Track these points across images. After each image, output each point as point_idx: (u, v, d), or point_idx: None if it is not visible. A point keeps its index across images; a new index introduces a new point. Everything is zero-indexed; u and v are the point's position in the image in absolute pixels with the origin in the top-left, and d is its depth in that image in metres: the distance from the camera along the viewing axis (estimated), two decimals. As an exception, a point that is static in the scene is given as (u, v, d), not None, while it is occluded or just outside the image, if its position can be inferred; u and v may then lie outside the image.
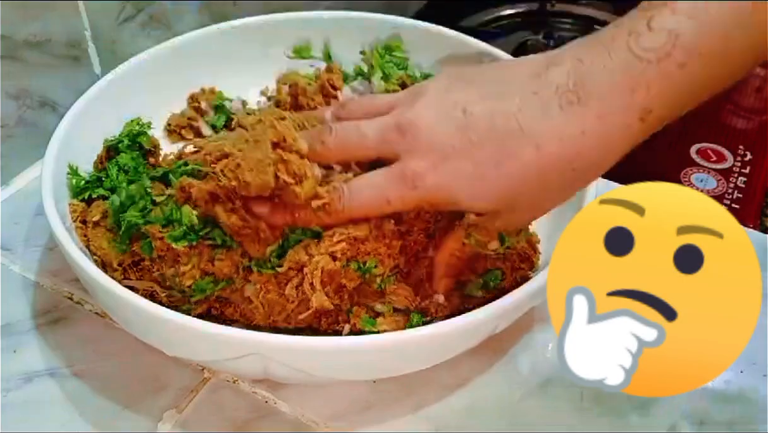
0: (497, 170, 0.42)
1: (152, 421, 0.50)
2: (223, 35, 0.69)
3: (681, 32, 0.39)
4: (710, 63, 0.40)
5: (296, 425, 0.50)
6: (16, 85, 0.65)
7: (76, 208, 0.55)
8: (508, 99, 0.42)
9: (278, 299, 0.48)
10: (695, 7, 0.39)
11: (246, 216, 0.47)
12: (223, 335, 0.44)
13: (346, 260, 0.47)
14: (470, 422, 0.51)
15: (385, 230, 0.48)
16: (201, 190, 0.48)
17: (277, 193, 0.46)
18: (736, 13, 0.39)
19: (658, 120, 0.41)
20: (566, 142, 0.41)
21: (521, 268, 0.53)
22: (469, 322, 0.46)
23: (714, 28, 0.39)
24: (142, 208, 0.52)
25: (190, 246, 0.49)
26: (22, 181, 0.67)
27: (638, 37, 0.40)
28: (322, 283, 0.47)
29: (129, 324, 0.50)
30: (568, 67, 0.41)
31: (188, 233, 0.49)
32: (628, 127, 0.41)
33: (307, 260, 0.47)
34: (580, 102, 0.40)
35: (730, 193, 0.76)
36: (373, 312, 0.49)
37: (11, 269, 0.60)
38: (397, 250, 0.49)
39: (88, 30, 0.69)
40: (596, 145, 0.41)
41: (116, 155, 0.58)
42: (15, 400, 0.51)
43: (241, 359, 0.45)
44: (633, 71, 0.40)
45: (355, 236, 0.47)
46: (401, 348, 0.46)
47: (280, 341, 0.44)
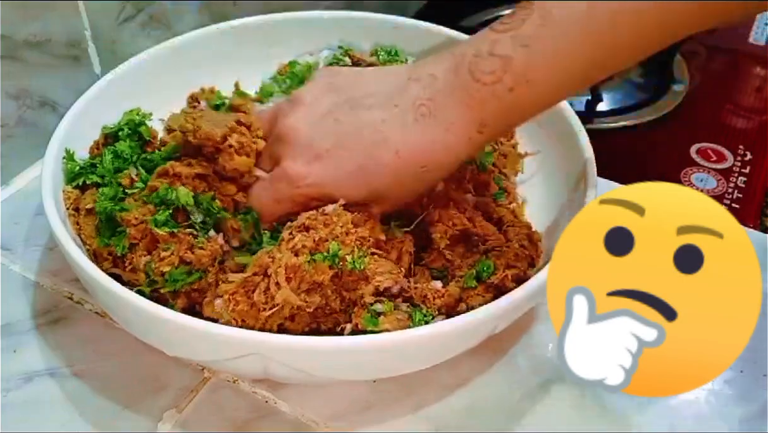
0: (363, 171, 0.49)
1: (152, 421, 0.50)
2: (223, 35, 0.69)
3: (514, 60, 0.45)
4: (537, 88, 0.46)
5: (296, 425, 0.50)
6: (16, 85, 0.65)
7: (70, 196, 0.55)
8: (374, 110, 0.49)
9: (249, 309, 0.47)
10: (532, 36, 0.45)
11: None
12: (223, 335, 0.44)
13: (309, 252, 0.47)
14: (470, 422, 0.51)
15: (330, 213, 0.49)
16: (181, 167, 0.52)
17: (215, 154, 0.52)
18: (573, 38, 0.45)
19: (494, 132, 0.48)
20: (419, 148, 0.48)
21: (515, 266, 0.53)
22: (468, 322, 0.46)
23: (546, 57, 0.44)
24: (112, 196, 0.53)
25: (171, 233, 0.50)
26: (22, 181, 0.67)
27: (479, 60, 0.46)
28: (287, 279, 0.47)
29: (129, 324, 0.50)
30: (425, 83, 0.48)
31: (169, 220, 0.50)
32: (469, 138, 0.47)
33: (269, 261, 0.47)
34: (431, 115, 0.47)
35: (730, 193, 0.76)
36: (375, 313, 0.49)
37: (11, 268, 0.60)
38: (353, 227, 0.49)
39: (88, 30, 0.69)
40: (443, 151, 0.48)
41: (114, 143, 0.58)
42: (15, 400, 0.51)
43: (241, 358, 0.45)
44: (471, 91, 0.46)
45: (305, 224, 0.48)
46: (401, 348, 0.46)
47: (281, 340, 0.44)
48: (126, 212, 0.51)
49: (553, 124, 0.63)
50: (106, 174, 0.56)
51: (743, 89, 0.93)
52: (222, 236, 0.52)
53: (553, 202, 0.61)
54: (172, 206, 0.51)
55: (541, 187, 0.63)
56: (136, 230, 0.50)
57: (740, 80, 0.95)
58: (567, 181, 0.59)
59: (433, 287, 0.52)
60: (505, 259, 0.53)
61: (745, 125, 0.86)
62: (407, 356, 0.48)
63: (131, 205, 0.52)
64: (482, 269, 0.52)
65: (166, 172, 0.52)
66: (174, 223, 0.51)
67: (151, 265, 0.50)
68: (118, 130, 0.58)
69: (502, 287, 0.51)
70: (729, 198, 0.76)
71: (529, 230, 0.57)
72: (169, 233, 0.50)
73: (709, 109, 0.88)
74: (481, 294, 0.52)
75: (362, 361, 0.47)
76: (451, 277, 0.53)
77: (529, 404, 0.52)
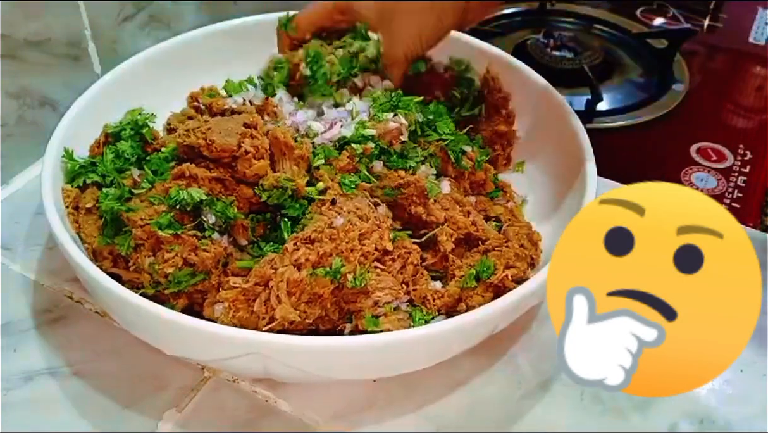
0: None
1: (152, 420, 0.50)
2: (223, 35, 0.69)
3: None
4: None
5: (296, 424, 0.50)
6: (16, 84, 0.65)
7: (70, 194, 0.55)
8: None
9: (249, 316, 0.47)
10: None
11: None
12: (223, 334, 0.44)
13: (311, 266, 0.47)
14: (470, 422, 0.51)
15: (337, 227, 0.48)
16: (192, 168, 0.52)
17: (233, 162, 0.52)
18: None
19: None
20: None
21: (515, 266, 0.53)
22: (468, 322, 0.46)
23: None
24: (119, 196, 0.53)
25: (175, 235, 0.50)
26: (22, 181, 0.67)
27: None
28: (289, 294, 0.47)
29: (130, 324, 0.50)
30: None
31: (174, 222, 0.51)
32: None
33: (272, 273, 0.47)
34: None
35: (731, 192, 0.76)
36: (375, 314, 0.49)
37: (11, 268, 0.60)
38: (359, 243, 0.49)
39: (88, 29, 0.69)
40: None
41: (116, 142, 0.58)
42: (15, 399, 0.51)
43: (242, 358, 0.45)
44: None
45: (310, 237, 0.48)
46: (401, 348, 0.46)
47: (281, 341, 0.44)
48: (132, 213, 0.51)
49: (554, 124, 0.63)
50: (108, 173, 0.56)
51: (743, 89, 0.93)
52: (227, 237, 0.52)
53: (553, 202, 0.61)
54: (186, 206, 0.51)
55: (541, 187, 0.63)
56: (142, 231, 0.50)
57: (740, 80, 0.95)
58: (567, 181, 0.59)
59: (433, 288, 0.52)
60: (504, 259, 0.53)
61: (745, 125, 0.86)
62: (408, 355, 0.48)
63: (138, 206, 0.52)
64: (482, 269, 0.52)
65: (182, 174, 0.52)
66: (178, 225, 0.51)
67: (155, 266, 0.50)
68: (121, 129, 0.58)
69: (502, 287, 0.52)
70: (729, 197, 0.76)
71: (529, 230, 0.57)
72: (173, 234, 0.50)
73: (710, 109, 0.88)
74: (481, 294, 0.52)
75: (363, 361, 0.47)
76: (451, 277, 0.53)
77: (529, 404, 0.52)
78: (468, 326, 0.46)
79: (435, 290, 0.51)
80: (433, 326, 0.46)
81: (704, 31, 1.02)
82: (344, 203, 0.51)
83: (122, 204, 0.52)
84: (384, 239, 0.50)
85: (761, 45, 0.99)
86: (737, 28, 1.02)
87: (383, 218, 0.51)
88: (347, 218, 0.49)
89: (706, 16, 1.03)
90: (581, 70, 0.90)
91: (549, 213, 0.60)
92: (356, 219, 0.49)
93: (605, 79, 0.91)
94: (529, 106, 0.66)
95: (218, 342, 0.45)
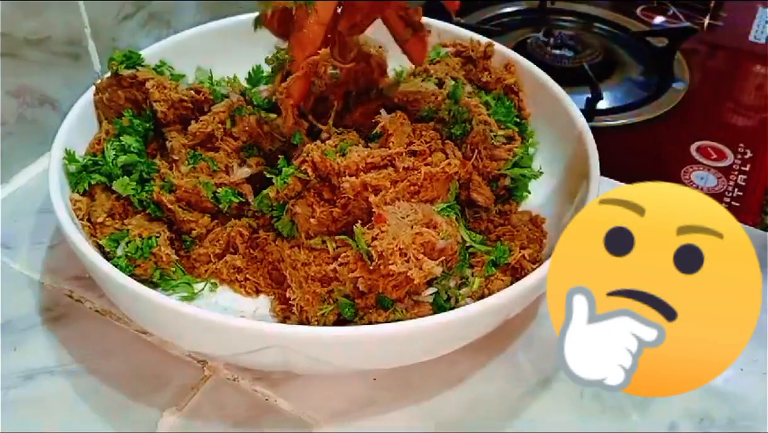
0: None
1: (152, 418, 0.50)
2: (223, 33, 0.69)
3: None
4: None
5: (296, 422, 0.50)
6: (16, 82, 0.65)
7: (80, 206, 0.55)
8: None
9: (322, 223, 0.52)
10: None
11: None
12: (239, 327, 0.44)
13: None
14: (470, 419, 0.51)
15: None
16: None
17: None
18: None
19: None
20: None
21: (529, 247, 0.55)
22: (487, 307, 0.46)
23: None
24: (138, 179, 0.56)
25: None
26: (23, 179, 0.67)
27: None
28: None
29: (144, 320, 0.50)
30: None
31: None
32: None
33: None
34: None
35: (731, 191, 0.76)
36: (394, 309, 0.50)
37: (12, 266, 0.60)
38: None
39: (88, 28, 0.69)
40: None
41: (119, 136, 0.58)
42: (16, 398, 0.51)
43: (261, 351, 0.45)
44: None
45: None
46: (436, 331, 0.46)
47: (300, 331, 0.45)
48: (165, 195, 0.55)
49: (557, 122, 0.63)
50: (112, 170, 0.56)
51: (743, 87, 0.93)
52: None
53: (555, 200, 0.61)
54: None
55: (544, 185, 0.63)
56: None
57: (740, 78, 0.95)
58: (570, 179, 0.60)
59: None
60: (519, 240, 0.55)
61: (745, 123, 0.86)
62: (439, 339, 0.48)
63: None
64: (499, 255, 0.53)
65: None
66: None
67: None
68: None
69: (520, 269, 0.53)
70: (729, 196, 0.76)
71: (531, 215, 0.59)
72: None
73: (710, 108, 0.88)
74: (500, 278, 0.53)
75: (391, 349, 0.47)
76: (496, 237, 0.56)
77: (529, 402, 0.52)
78: (487, 310, 0.46)
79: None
80: (455, 312, 0.46)
81: (704, 29, 1.02)
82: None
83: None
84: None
85: (761, 44, 0.99)
86: (737, 26, 1.02)
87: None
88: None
89: (707, 15, 1.03)
90: (581, 68, 0.90)
91: (551, 210, 0.60)
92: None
93: (605, 77, 0.91)
94: (530, 106, 0.66)
95: (238, 336, 0.45)
